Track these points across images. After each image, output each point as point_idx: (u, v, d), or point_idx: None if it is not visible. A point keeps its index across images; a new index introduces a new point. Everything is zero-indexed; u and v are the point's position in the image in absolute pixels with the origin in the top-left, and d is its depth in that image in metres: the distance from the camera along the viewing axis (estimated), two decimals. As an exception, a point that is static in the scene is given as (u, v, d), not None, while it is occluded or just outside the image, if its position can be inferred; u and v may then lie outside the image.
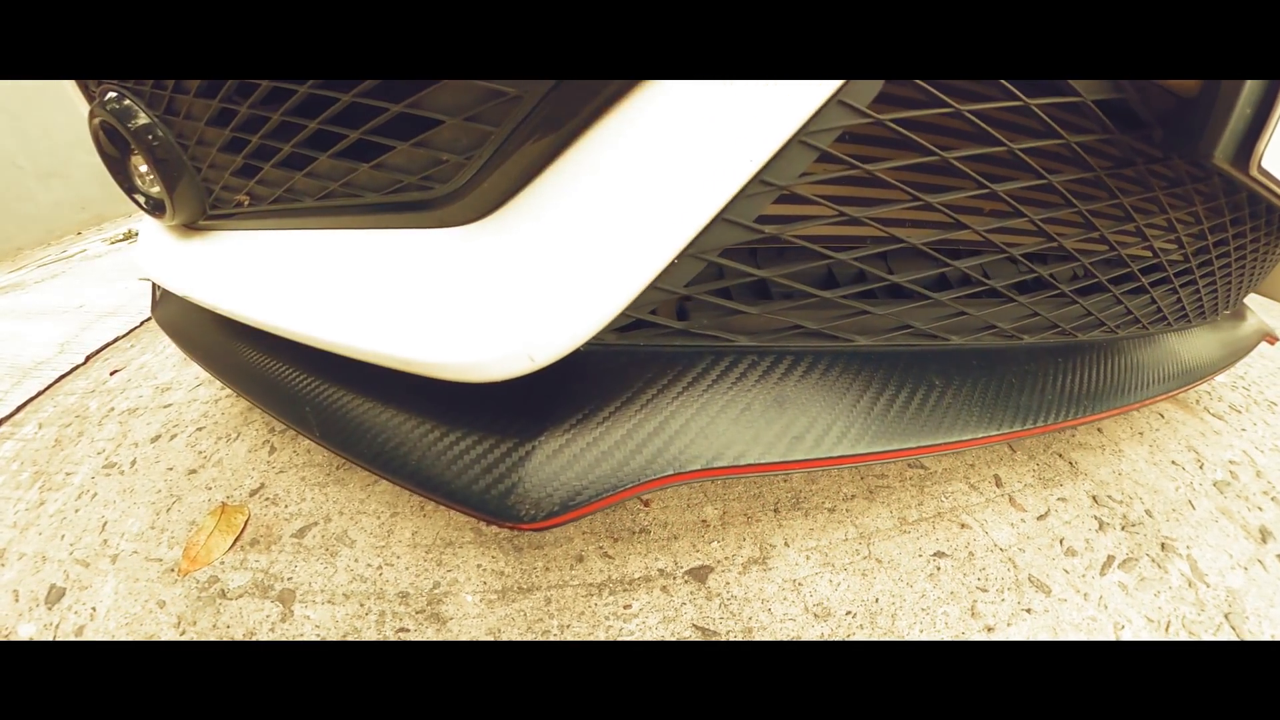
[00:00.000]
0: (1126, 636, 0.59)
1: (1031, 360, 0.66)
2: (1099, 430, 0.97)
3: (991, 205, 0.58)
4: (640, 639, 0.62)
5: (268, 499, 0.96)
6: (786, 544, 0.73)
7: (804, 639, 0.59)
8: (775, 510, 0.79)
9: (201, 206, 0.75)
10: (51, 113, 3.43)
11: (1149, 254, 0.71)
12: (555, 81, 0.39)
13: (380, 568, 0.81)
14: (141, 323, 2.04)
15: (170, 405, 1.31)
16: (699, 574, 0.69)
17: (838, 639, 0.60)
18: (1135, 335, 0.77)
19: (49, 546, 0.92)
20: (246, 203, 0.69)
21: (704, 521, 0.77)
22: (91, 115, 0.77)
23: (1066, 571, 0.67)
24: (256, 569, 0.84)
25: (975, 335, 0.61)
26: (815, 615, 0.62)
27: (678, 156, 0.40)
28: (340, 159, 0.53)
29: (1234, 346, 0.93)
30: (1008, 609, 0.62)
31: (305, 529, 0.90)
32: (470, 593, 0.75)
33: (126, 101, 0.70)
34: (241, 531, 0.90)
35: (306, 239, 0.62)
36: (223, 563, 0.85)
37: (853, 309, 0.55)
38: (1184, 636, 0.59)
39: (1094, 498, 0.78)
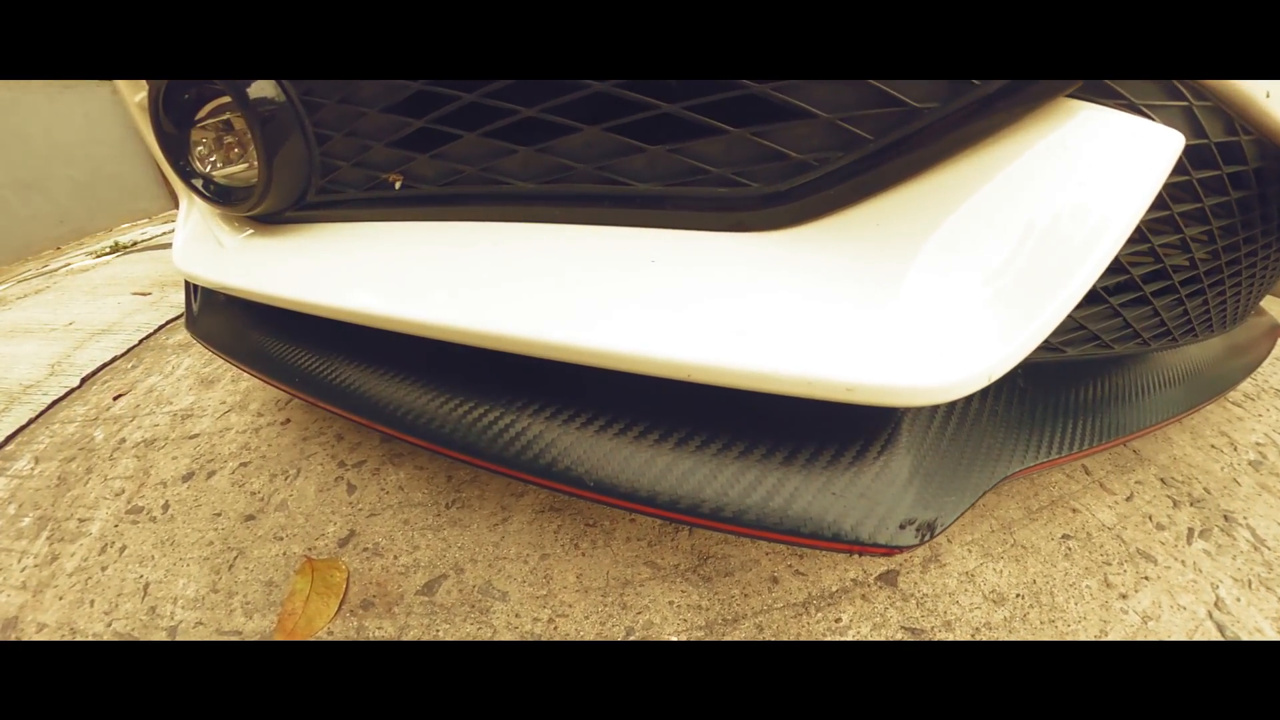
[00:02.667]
0: (1222, 594, 0.69)
1: (1067, 376, 0.64)
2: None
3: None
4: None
5: (367, 549, 0.80)
6: (949, 540, 0.77)
7: (992, 623, 0.64)
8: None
9: (300, 192, 0.61)
10: (29, 122, 3.22)
11: (1187, 263, 0.63)
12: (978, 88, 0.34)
13: (552, 620, 0.69)
14: (141, 340, 1.85)
15: (197, 436, 1.14)
16: (888, 578, 0.71)
17: (1013, 623, 0.66)
18: (1165, 347, 0.74)
19: (76, 616, 0.75)
20: (398, 185, 0.56)
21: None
22: (153, 84, 0.63)
23: (1162, 543, 0.76)
24: (384, 638, 0.68)
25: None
26: (994, 601, 0.67)
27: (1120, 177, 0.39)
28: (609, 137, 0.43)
29: (1253, 353, 0.95)
30: (1131, 578, 0.71)
31: (433, 583, 0.75)
32: (673, 633, 0.66)
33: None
34: (346, 592, 0.74)
35: (514, 234, 0.50)
36: (331, 632, 0.69)
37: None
38: (1263, 593, 0.69)
39: (1162, 480, 0.89)
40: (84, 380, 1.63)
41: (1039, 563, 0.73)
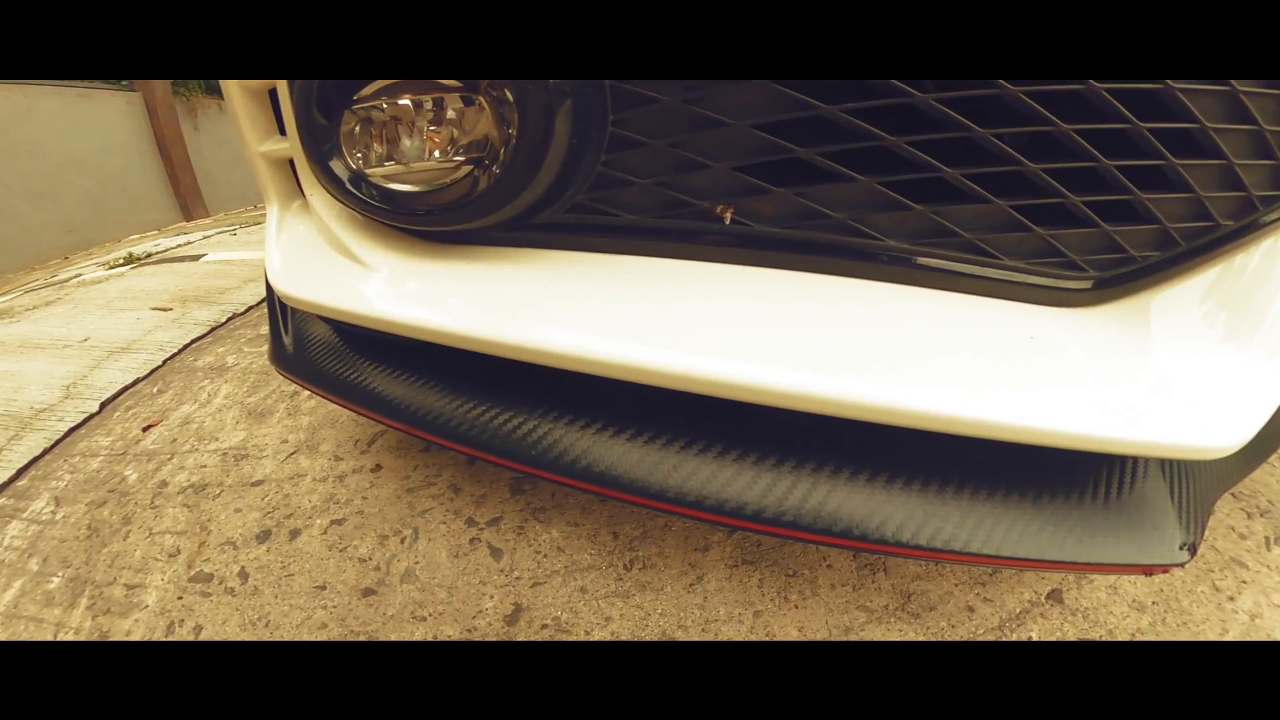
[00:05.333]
0: (1305, 594, 0.75)
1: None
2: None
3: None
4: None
5: (547, 626, 0.67)
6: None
7: (1142, 628, 0.71)
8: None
9: (541, 207, 0.47)
10: (43, 130, 3.08)
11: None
12: None
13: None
14: (165, 361, 1.67)
15: (261, 483, 0.96)
16: (1054, 596, 0.75)
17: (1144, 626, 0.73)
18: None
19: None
20: (728, 218, 0.44)
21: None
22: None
23: (1248, 551, 0.81)
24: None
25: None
26: (1138, 610, 0.73)
27: None
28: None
29: None
30: (1232, 583, 0.76)
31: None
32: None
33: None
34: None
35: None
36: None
37: None
38: (1340, 590, 0.76)
39: (1233, 494, 0.93)
40: (104, 405, 1.44)
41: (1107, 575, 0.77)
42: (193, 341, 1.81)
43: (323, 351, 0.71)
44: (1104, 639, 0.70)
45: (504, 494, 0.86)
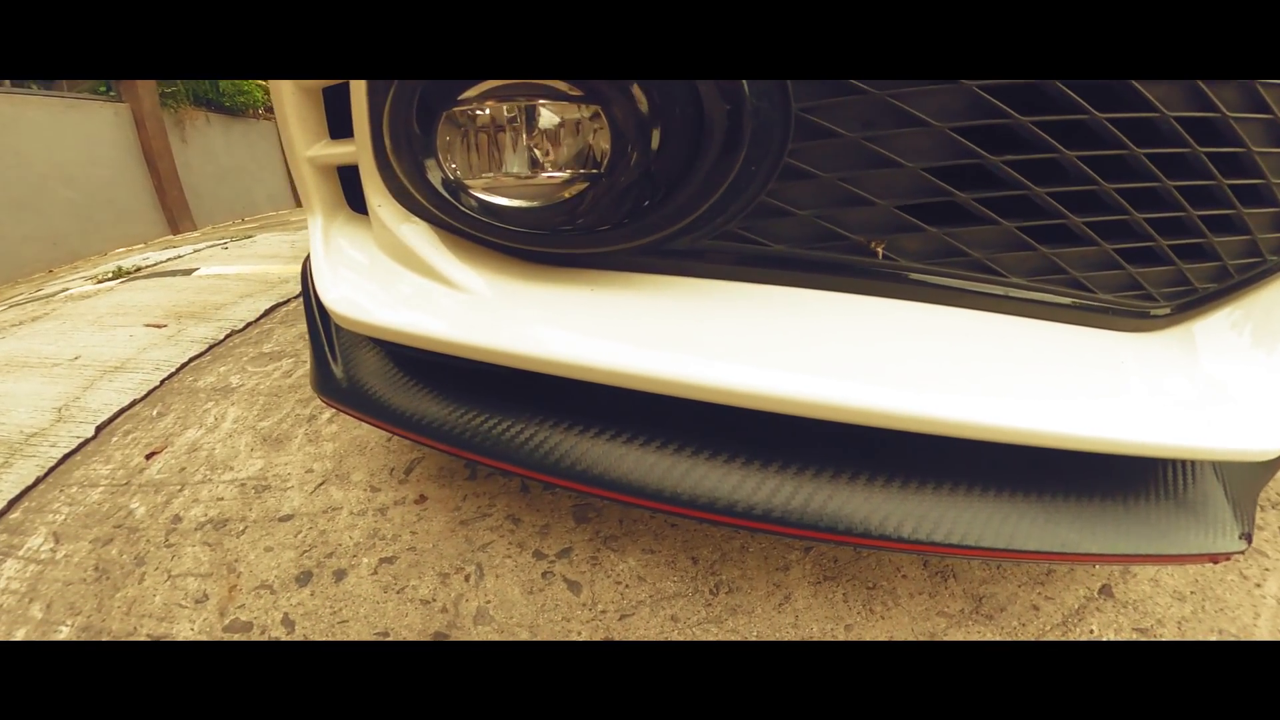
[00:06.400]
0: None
1: None
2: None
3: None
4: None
5: None
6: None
7: (1185, 616, 0.75)
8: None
9: (682, 231, 0.43)
10: (28, 140, 2.97)
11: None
12: None
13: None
14: (162, 381, 1.58)
15: (291, 518, 0.89)
16: (1106, 591, 0.78)
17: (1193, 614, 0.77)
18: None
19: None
20: (880, 252, 0.44)
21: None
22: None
23: (1267, 541, 0.86)
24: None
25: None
26: (1179, 599, 0.77)
27: None
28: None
29: None
30: (1256, 571, 0.81)
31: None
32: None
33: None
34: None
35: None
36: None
37: None
38: (1345, 573, 0.81)
39: None
40: (99, 429, 1.35)
41: (1168, 565, 0.84)
42: (191, 360, 1.72)
43: (383, 380, 0.65)
44: (1153, 631, 0.76)
45: (568, 523, 0.81)
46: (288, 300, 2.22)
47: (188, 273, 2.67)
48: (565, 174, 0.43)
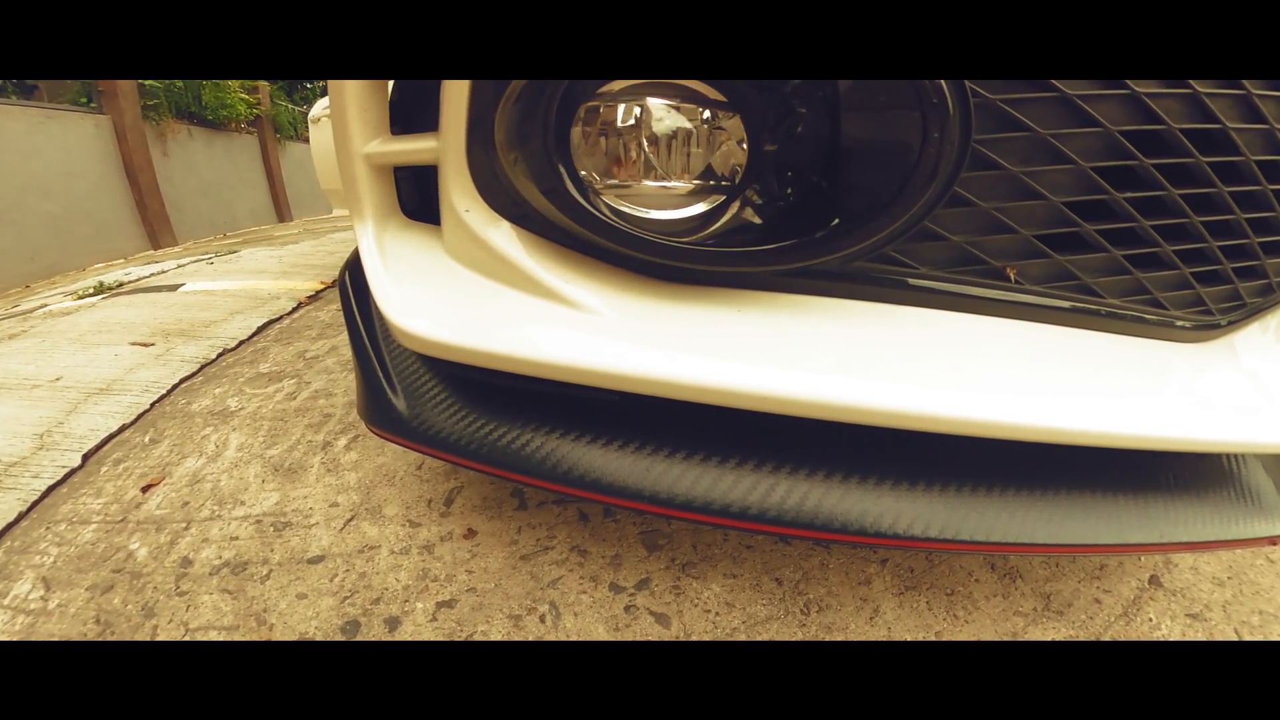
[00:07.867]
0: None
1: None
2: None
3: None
4: (1166, 639, 0.76)
5: None
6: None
7: (1227, 600, 0.80)
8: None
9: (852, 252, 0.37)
10: (5, 151, 2.84)
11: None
12: None
13: None
14: (153, 404, 1.47)
15: (322, 558, 0.79)
16: (1154, 581, 0.81)
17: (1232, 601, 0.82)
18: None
19: None
20: (1013, 276, 0.46)
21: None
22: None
23: None
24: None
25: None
26: (1219, 585, 0.81)
27: None
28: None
29: None
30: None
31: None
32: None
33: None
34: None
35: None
36: None
37: None
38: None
39: None
40: (86, 458, 1.24)
41: (1225, 551, 0.89)
42: (182, 381, 1.61)
43: (453, 412, 0.57)
44: (1204, 615, 0.79)
45: (640, 551, 0.75)
46: (280, 317, 2.12)
47: (173, 288, 2.54)
48: (723, 183, 0.37)
